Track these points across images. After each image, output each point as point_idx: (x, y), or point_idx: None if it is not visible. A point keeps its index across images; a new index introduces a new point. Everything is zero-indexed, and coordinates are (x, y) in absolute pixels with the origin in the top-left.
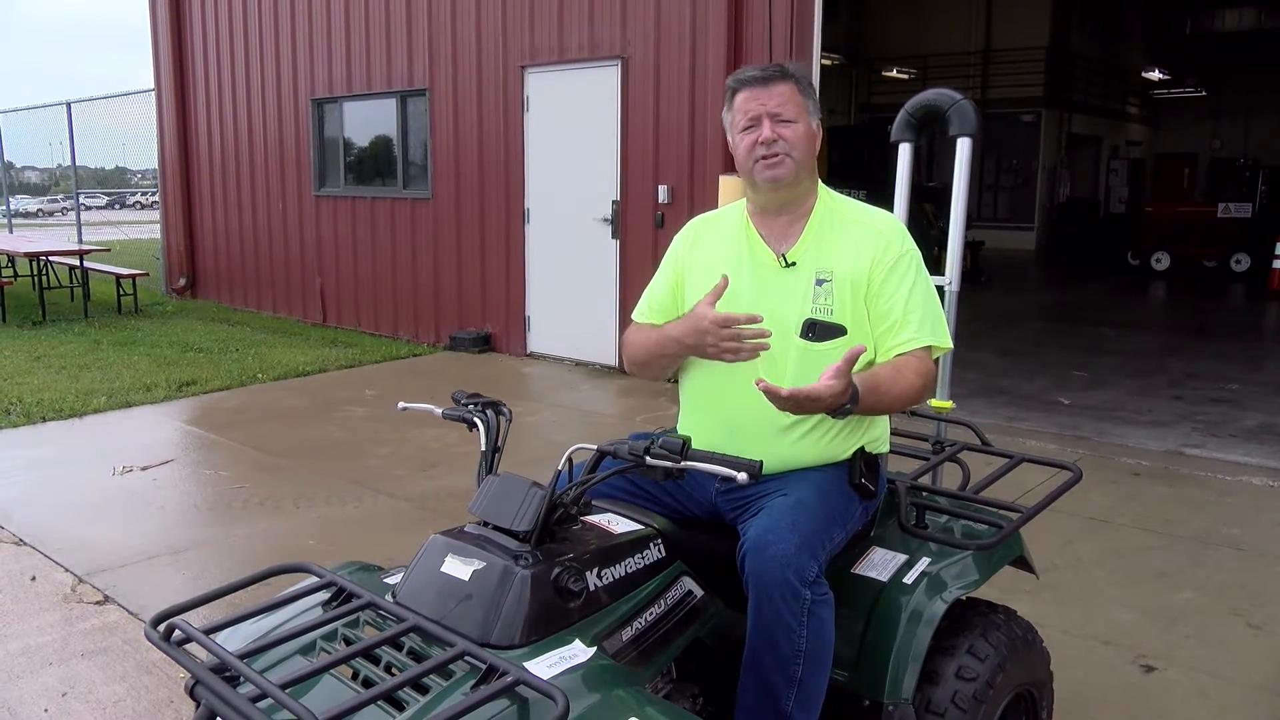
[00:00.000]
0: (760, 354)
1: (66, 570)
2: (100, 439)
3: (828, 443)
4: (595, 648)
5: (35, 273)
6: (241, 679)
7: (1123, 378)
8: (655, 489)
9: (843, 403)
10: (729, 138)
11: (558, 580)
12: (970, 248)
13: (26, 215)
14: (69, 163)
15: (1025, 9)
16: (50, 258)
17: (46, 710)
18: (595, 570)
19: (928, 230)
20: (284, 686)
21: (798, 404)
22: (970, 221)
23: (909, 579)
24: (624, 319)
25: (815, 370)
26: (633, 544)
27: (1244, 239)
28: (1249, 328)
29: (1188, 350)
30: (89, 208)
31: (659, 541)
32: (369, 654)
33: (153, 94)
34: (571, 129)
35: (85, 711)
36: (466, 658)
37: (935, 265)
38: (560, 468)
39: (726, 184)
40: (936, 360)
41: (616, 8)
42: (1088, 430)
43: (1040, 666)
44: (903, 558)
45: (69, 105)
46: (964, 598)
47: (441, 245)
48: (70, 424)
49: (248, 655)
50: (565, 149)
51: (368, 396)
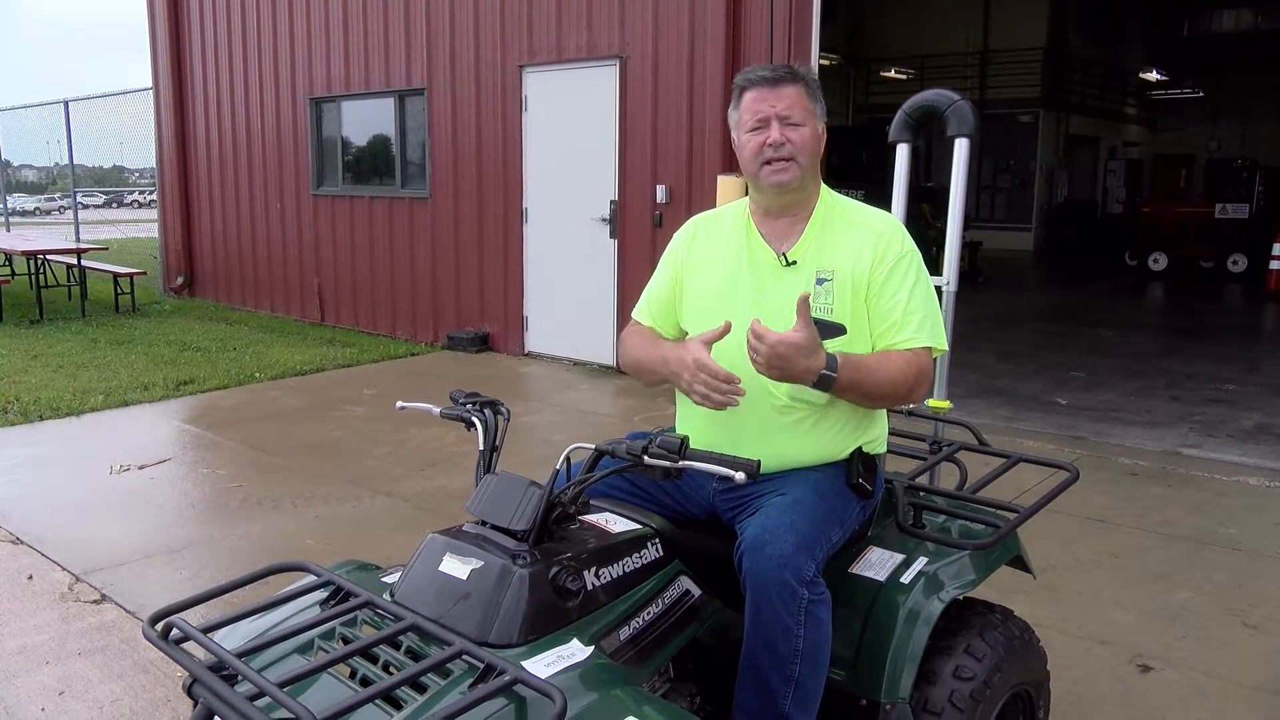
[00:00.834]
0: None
1: (64, 569)
2: (97, 438)
3: (826, 442)
4: (593, 647)
5: (33, 271)
6: (239, 678)
7: (1120, 378)
8: (653, 488)
9: (815, 365)
10: (734, 136)
11: (556, 579)
12: (968, 248)
13: (24, 214)
14: (66, 161)
15: (1023, 10)
16: (48, 256)
17: (44, 709)
18: (593, 569)
19: (925, 230)
20: (282, 685)
21: (772, 356)
22: (968, 222)
23: (906, 579)
24: (622, 319)
25: None
26: (631, 543)
27: (1241, 240)
28: (1246, 328)
29: (1185, 351)
30: (86, 206)
31: (657, 541)
32: (367, 653)
33: (150, 93)
34: (570, 129)
35: (82, 710)
36: (464, 657)
37: (933, 265)
38: (558, 467)
39: (725, 184)
40: (934, 361)
41: (615, 8)
42: (1085, 430)
43: (1037, 666)
44: (900, 557)
45: (66, 104)
46: (961, 598)
47: (439, 245)
48: (67, 423)
49: (246, 654)
50: (563, 149)
51: (366, 396)
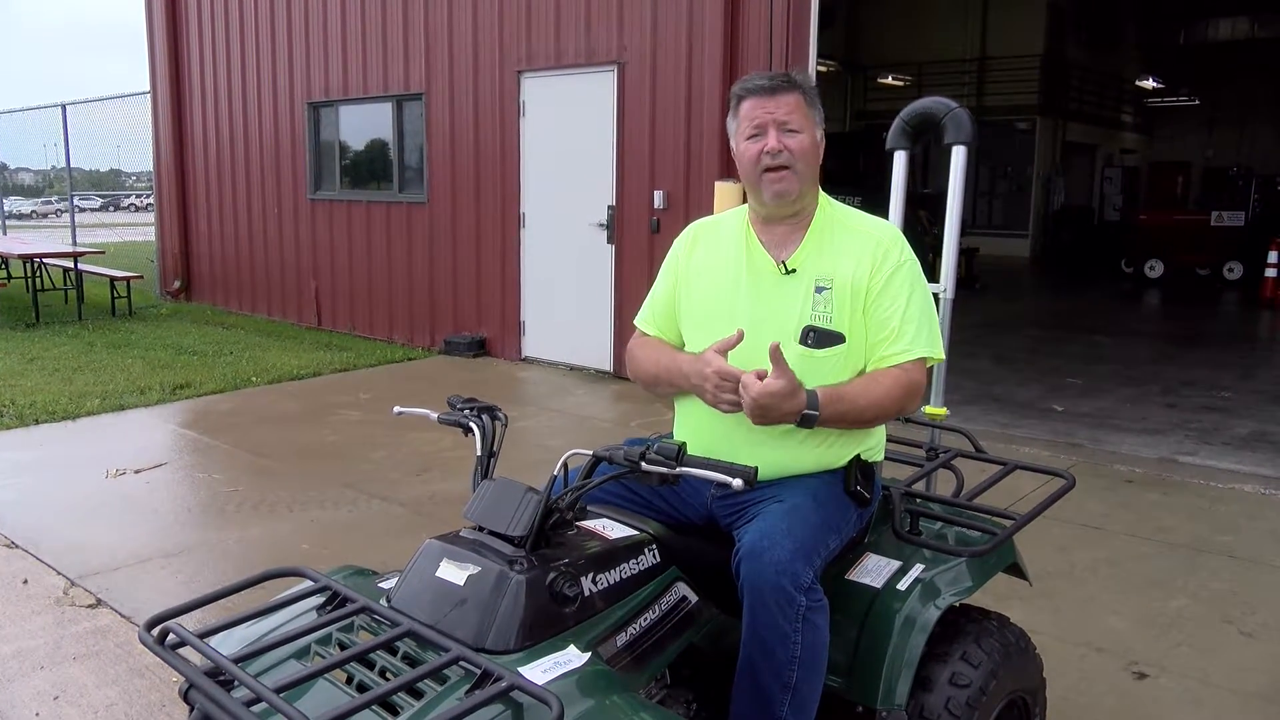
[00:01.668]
0: (757, 359)
1: (59, 573)
2: (93, 442)
3: (824, 450)
4: (590, 653)
5: (29, 275)
6: (235, 683)
7: (1116, 385)
8: (650, 494)
9: (796, 406)
10: (733, 144)
11: (553, 585)
12: (965, 255)
13: (20, 217)
14: (63, 164)
15: (1020, 18)
16: (44, 260)
17: (38, 714)
18: (590, 576)
19: (922, 237)
20: (278, 691)
21: (755, 406)
22: (965, 229)
23: (903, 585)
24: (619, 324)
25: (814, 377)
26: (628, 549)
27: (1237, 247)
28: (1242, 336)
29: (1181, 358)
30: (83, 210)
31: (654, 547)
32: (363, 659)
33: (148, 96)
34: (567, 134)
35: (77, 715)
36: (461, 663)
37: (930, 272)
38: (555, 473)
39: (722, 190)
40: (931, 369)
41: (613, 14)
42: (1081, 437)
43: (1033, 673)
44: (896, 564)
45: (64, 107)
46: (957, 604)
47: (437, 249)
48: (63, 426)
49: (242, 659)
50: (561, 154)
51: (362, 400)
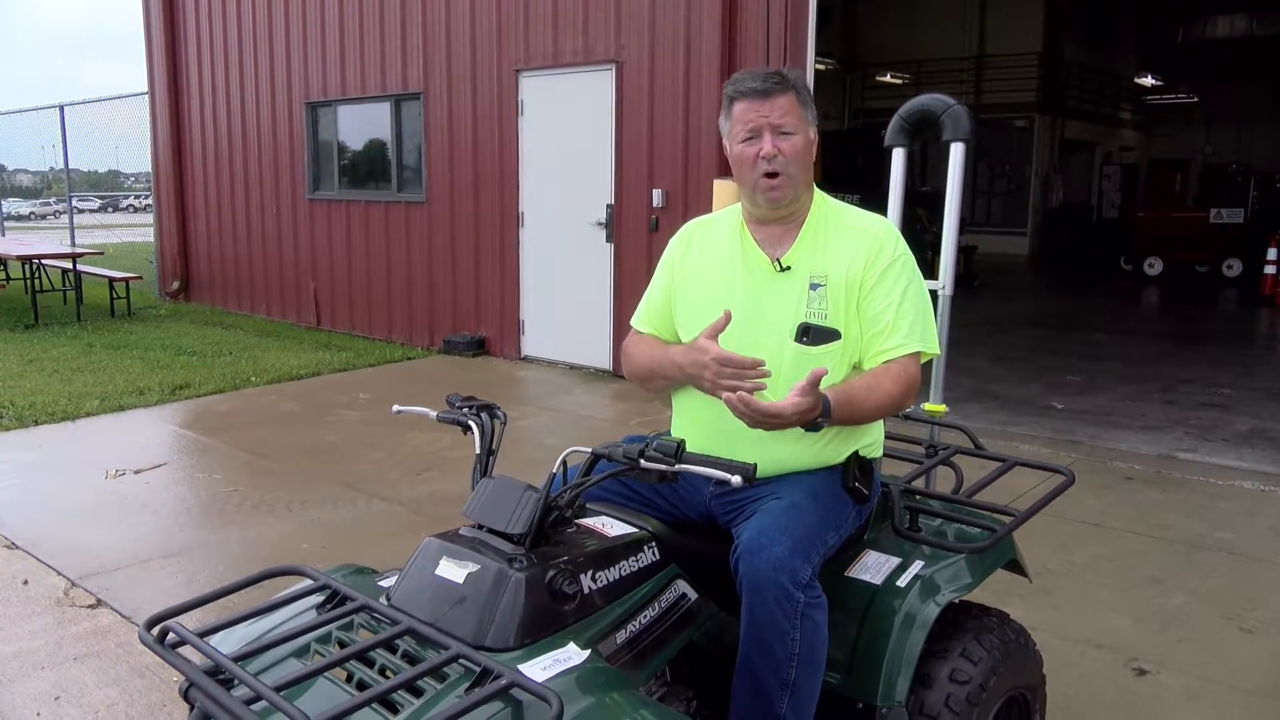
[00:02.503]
0: (752, 356)
1: (59, 574)
2: (93, 442)
3: (822, 447)
4: (589, 651)
5: (28, 276)
6: (235, 682)
7: (1115, 382)
8: (649, 492)
9: (813, 417)
10: (726, 145)
11: (552, 583)
12: (963, 253)
13: (19, 218)
14: (62, 166)
15: (1019, 15)
16: (43, 261)
17: (39, 714)
18: (589, 573)
19: (921, 235)
20: (278, 689)
21: (761, 419)
22: (963, 226)
23: (902, 582)
24: (619, 323)
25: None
26: (627, 547)
27: (1236, 244)
28: (1241, 333)
29: (1180, 355)
30: (82, 211)
31: (653, 544)
32: (363, 657)
33: (146, 97)
34: (566, 133)
35: (78, 715)
36: (461, 660)
37: (928, 270)
38: (554, 471)
39: (721, 188)
40: (928, 363)
41: (611, 12)
42: (1080, 435)
43: (1033, 670)
44: (896, 561)
45: (62, 108)
46: (957, 601)
47: (436, 249)
48: (63, 427)
49: (242, 658)
50: (560, 153)
51: (361, 400)
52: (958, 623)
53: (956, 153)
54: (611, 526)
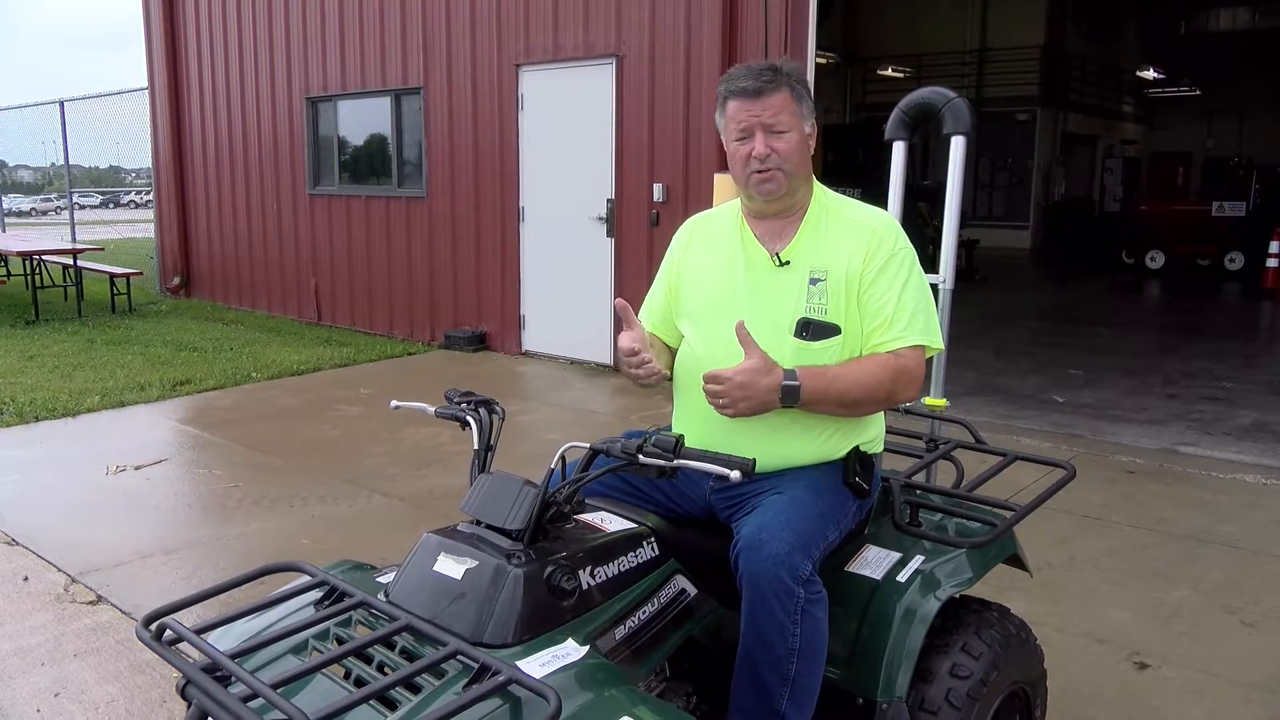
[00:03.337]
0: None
1: (59, 570)
2: (94, 438)
3: (822, 442)
4: (588, 647)
5: (28, 272)
6: (233, 679)
7: (1117, 376)
8: (649, 487)
9: (773, 382)
10: (723, 141)
11: (550, 579)
12: (965, 246)
13: (20, 214)
14: (62, 161)
15: (1020, 8)
16: (44, 257)
17: (39, 711)
18: (588, 569)
19: (923, 229)
20: (275, 686)
21: (734, 388)
22: (965, 220)
23: (902, 577)
24: (619, 318)
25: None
26: (626, 542)
27: (1238, 237)
28: (1243, 326)
29: (1182, 349)
30: (83, 207)
31: (652, 540)
32: (361, 653)
33: (146, 92)
34: (566, 127)
35: (78, 712)
36: (459, 657)
37: (930, 264)
38: (553, 466)
39: (721, 182)
40: (931, 360)
41: (611, 6)
42: (1082, 428)
43: (1034, 664)
44: (896, 556)
45: (62, 104)
46: (958, 596)
47: (436, 244)
48: (64, 423)
49: (239, 655)
50: (560, 148)
51: (362, 395)
52: (958, 617)
53: (957, 146)
54: (610, 522)
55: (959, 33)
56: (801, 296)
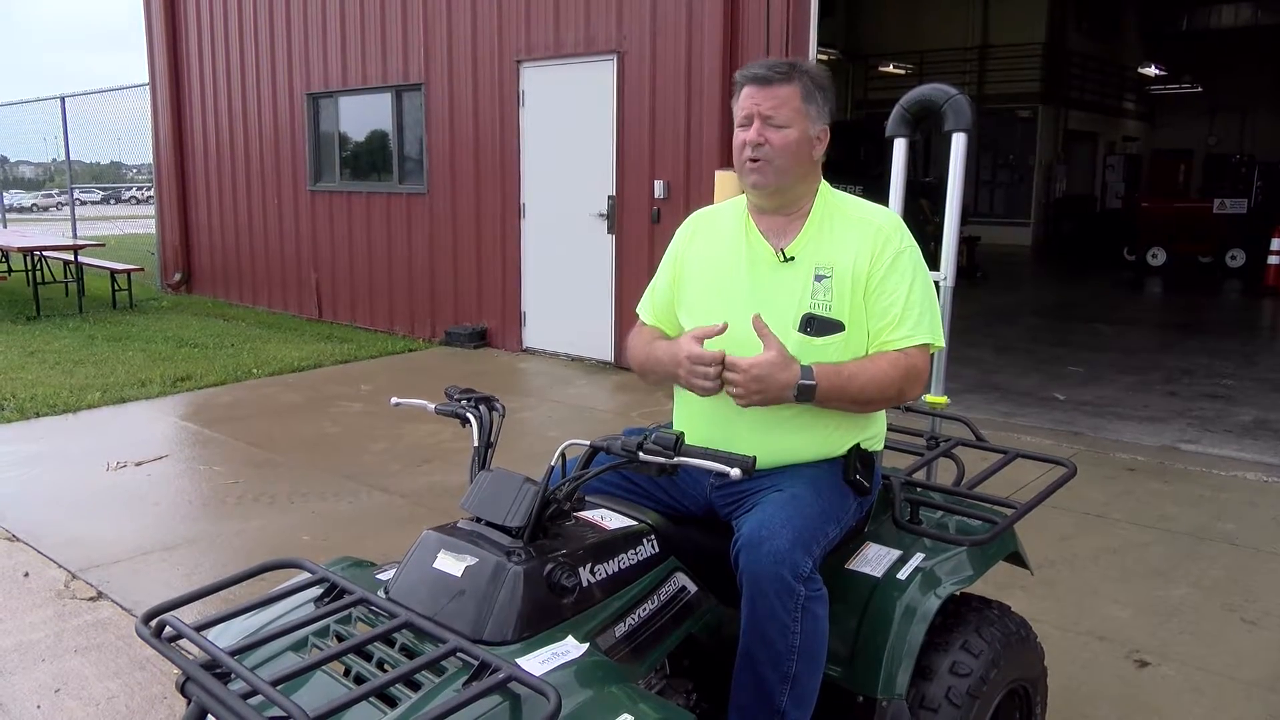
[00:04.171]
0: (755, 346)
1: (60, 566)
2: (94, 434)
3: (823, 439)
4: (588, 644)
5: (29, 268)
6: (233, 675)
7: (1118, 373)
8: (649, 485)
9: (790, 377)
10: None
11: (550, 576)
12: (966, 243)
13: (21, 210)
14: (63, 157)
15: (1022, 5)
16: (44, 253)
17: (39, 707)
18: (588, 566)
19: (924, 226)
20: (275, 683)
21: (750, 380)
22: (966, 217)
23: (903, 575)
24: (620, 314)
25: (813, 364)
26: (626, 540)
27: (1239, 234)
28: (1244, 323)
29: (1183, 346)
30: (84, 203)
31: (652, 537)
32: (361, 650)
33: (147, 88)
34: (567, 124)
35: (78, 708)
36: (459, 654)
37: (931, 261)
38: (553, 463)
39: (722, 179)
40: (932, 357)
41: (612, 2)
42: (1083, 426)
43: (1034, 662)
44: (897, 553)
45: (63, 100)
46: (958, 593)
47: (437, 240)
48: (64, 419)
49: (239, 652)
50: (561, 144)
51: (362, 392)
52: (959, 615)
53: (958, 143)
54: (610, 519)
55: (960, 29)
56: (806, 292)
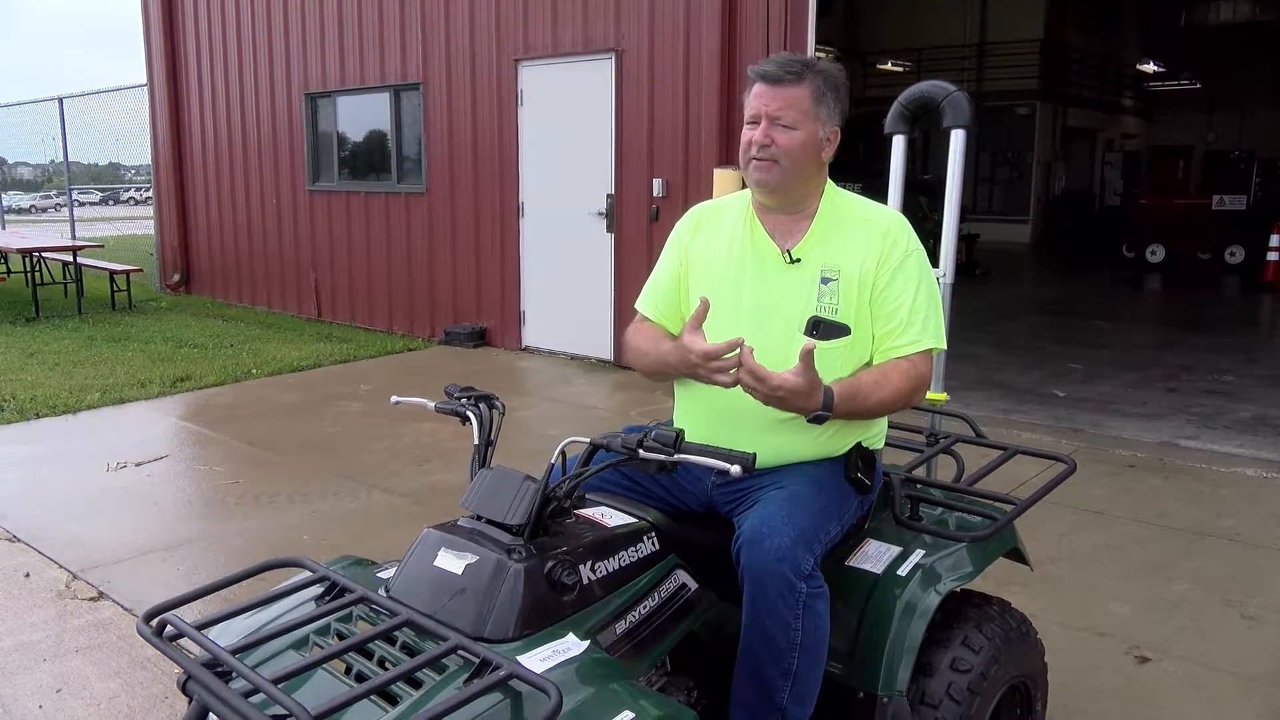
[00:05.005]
0: (760, 347)
1: (61, 566)
2: (94, 435)
3: (825, 438)
4: (589, 641)
5: (28, 269)
6: (234, 674)
7: (1117, 370)
8: (650, 482)
9: (812, 406)
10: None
11: (551, 574)
12: (965, 241)
13: (20, 211)
14: (62, 158)
15: (1020, 2)
16: (44, 254)
17: (41, 707)
18: (589, 564)
19: (923, 223)
20: (276, 682)
21: (768, 389)
22: (965, 214)
23: (903, 571)
24: (619, 313)
25: (818, 368)
26: (626, 537)
27: (1238, 231)
28: (1243, 320)
29: (1182, 343)
30: (82, 204)
31: (653, 535)
32: (362, 648)
33: (145, 89)
34: (566, 123)
35: (79, 708)
36: (460, 652)
37: (930, 258)
38: (553, 461)
39: (721, 177)
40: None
41: (610, 1)
42: (1082, 422)
43: (1035, 658)
44: (897, 550)
45: (61, 100)
46: (958, 590)
47: (436, 240)
48: (64, 420)
49: (240, 650)
50: (559, 143)
51: (362, 391)
52: (959, 611)
53: (957, 140)
54: (611, 517)
55: (959, 27)
56: (812, 295)
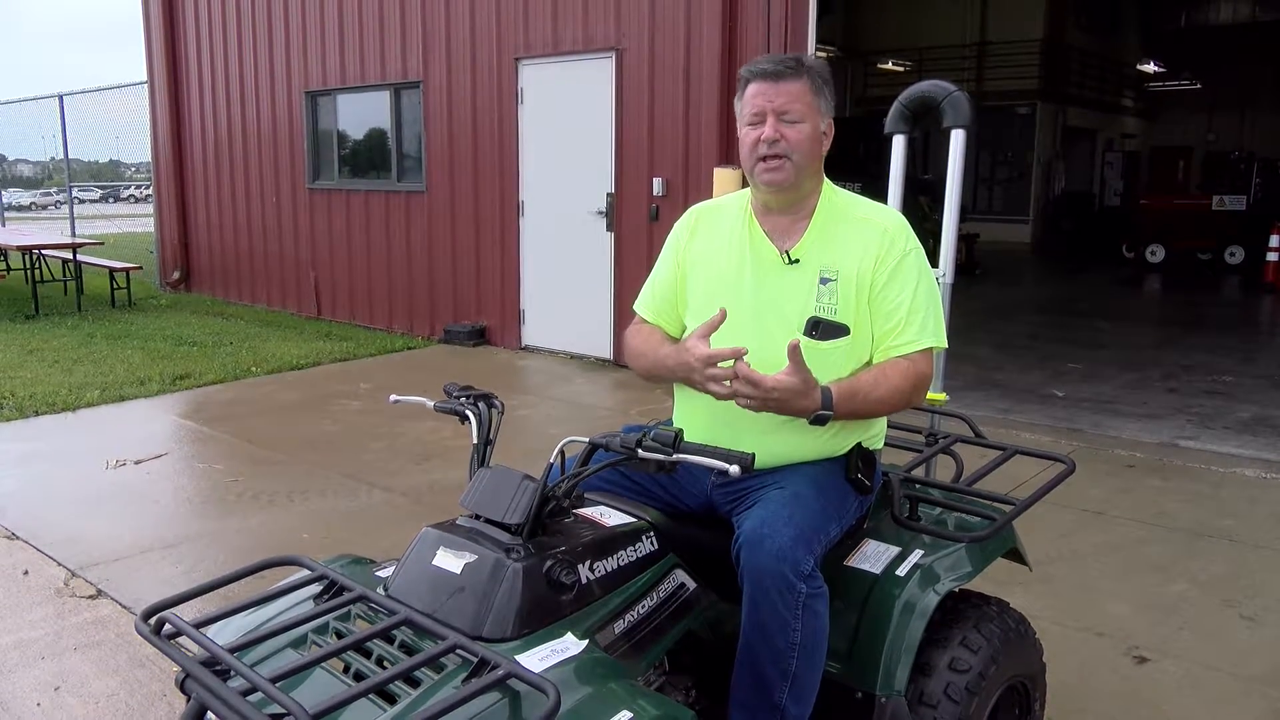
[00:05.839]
0: (760, 349)
1: (59, 564)
2: (93, 433)
3: (825, 438)
4: (587, 640)
5: (28, 266)
6: (232, 673)
7: (1117, 370)
8: (648, 482)
9: (810, 406)
10: (738, 128)
11: (550, 573)
12: (965, 240)
13: (19, 209)
14: (62, 156)
15: (1021, 2)
16: (43, 251)
17: (39, 704)
18: (587, 563)
19: (922, 223)
20: (274, 680)
21: (760, 392)
22: (965, 214)
23: (902, 571)
24: (619, 312)
25: (818, 369)
26: (625, 537)
27: (1238, 231)
28: (1243, 320)
29: (1182, 343)
30: (82, 201)
31: (651, 534)
32: (360, 647)
33: (145, 86)
34: (566, 122)
35: (78, 705)
36: (458, 651)
37: (930, 258)
38: (552, 460)
39: (721, 176)
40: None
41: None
42: (1082, 423)
43: (1033, 658)
44: (896, 550)
45: (61, 98)
46: (957, 590)
47: (436, 238)
48: (63, 418)
49: (238, 649)
50: (559, 142)
51: (362, 390)
52: (957, 611)
53: (957, 139)
54: (609, 516)
55: (959, 26)
56: (811, 295)
